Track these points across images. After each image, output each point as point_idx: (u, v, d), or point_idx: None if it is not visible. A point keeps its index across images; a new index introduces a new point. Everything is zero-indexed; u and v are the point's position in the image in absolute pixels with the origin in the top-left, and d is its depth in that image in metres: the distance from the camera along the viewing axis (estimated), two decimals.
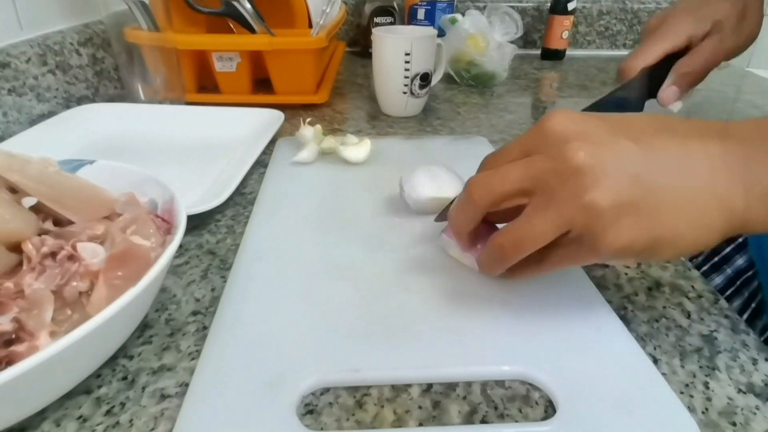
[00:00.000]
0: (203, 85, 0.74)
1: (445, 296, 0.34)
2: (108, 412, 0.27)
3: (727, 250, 0.55)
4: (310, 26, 0.71)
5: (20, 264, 0.28)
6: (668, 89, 0.45)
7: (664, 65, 0.45)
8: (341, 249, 0.39)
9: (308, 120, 0.56)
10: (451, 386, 0.28)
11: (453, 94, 0.82)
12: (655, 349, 0.31)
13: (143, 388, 0.28)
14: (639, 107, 0.45)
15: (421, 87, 0.67)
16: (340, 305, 0.33)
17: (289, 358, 0.29)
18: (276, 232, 0.41)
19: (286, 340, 0.30)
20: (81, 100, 0.69)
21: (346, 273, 0.36)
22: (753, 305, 0.49)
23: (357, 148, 0.52)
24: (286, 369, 0.28)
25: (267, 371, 0.28)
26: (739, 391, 0.28)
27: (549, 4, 1.05)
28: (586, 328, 0.31)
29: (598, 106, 0.41)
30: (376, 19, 1.01)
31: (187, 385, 0.28)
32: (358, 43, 1.10)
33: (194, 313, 0.34)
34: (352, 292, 0.34)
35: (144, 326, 0.32)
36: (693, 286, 0.37)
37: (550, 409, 0.27)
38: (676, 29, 0.44)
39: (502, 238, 0.29)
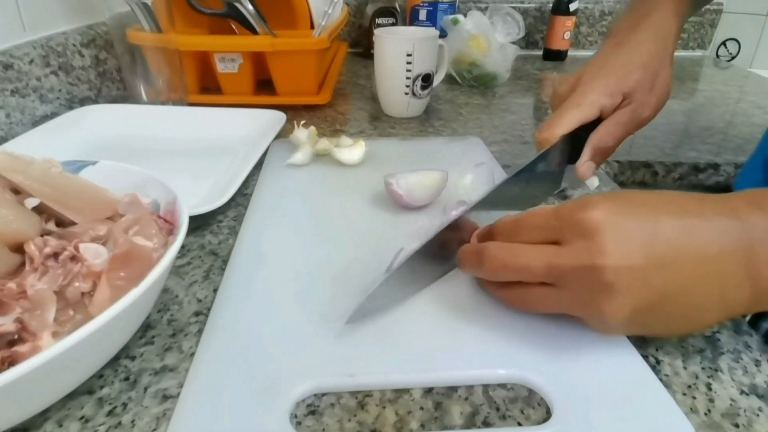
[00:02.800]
0: (205, 86, 0.74)
1: (440, 300, 0.34)
2: (110, 413, 0.27)
3: None
4: (312, 27, 0.71)
5: (23, 265, 0.28)
6: (585, 165, 0.43)
7: (578, 132, 0.43)
8: (335, 251, 0.39)
9: (302, 122, 0.56)
10: (452, 388, 0.28)
11: (455, 94, 0.82)
12: (657, 350, 0.31)
13: (145, 389, 0.28)
14: (559, 175, 0.46)
15: (423, 88, 0.67)
16: (335, 308, 0.33)
17: (284, 363, 0.29)
18: (270, 234, 0.41)
19: (281, 344, 0.30)
20: (84, 102, 0.70)
21: (341, 276, 0.36)
22: None
23: (351, 150, 0.52)
24: (281, 374, 0.28)
25: (261, 375, 0.28)
26: (742, 392, 0.28)
27: (551, 5, 1.05)
28: (582, 330, 0.31)
29: (523, 177, 0.39)
30: (378, 20, 1.01)
31: None
32: (360, 44, 1.10)
33: (196, 314, 0.34)
34: (348, 295, 0.34)
35: (146, 327, 0.32)
36: None
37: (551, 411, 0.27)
38: (589, 100, 0.42)
39: (505, 270, 0.30)
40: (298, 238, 0.40)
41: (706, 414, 0.27)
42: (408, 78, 0.66)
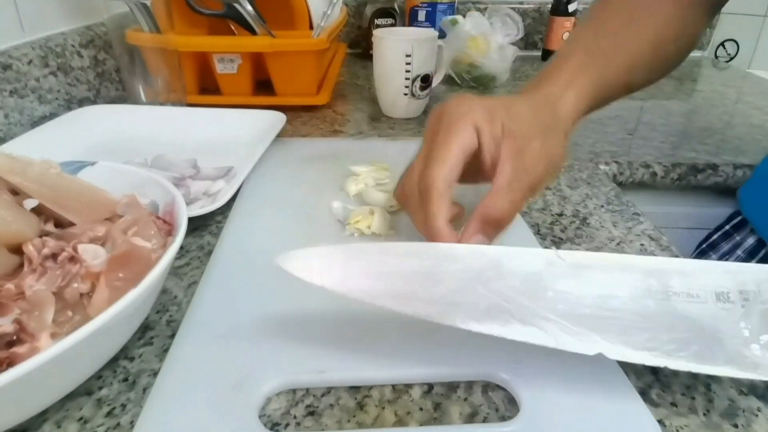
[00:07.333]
0: (204, 86, 0.74)
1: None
2: (109, 414, 0.27)
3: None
4: (311, 28, 0.71)
5: (21, 266, 0.28)
6: (474, 239, 0.32)
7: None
8: None
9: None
10: (452, 387, 0.28)
11: (454, 95, 0.82)
12: None
13: (144, 390, 0.28)
14: None
15: (422, 88, 0.67)
16: (309, 307, 0.33)
17: (255, 360, 0.29)
18: (251, 235, 0.41)
19: (253, 341, 0.30)
20: (82, 102, 0.70)
21: None
22: None
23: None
24: (251, 371, 0.28)
25: (232, 372, 0.28)
26: (741, 392, 0.28)
27: (550, 6, 1.05)
28: None
29: None
30: (377, 21, 1.01)
31: None
32: (359, 44, 1.10)
33: None
34: (322, 294, 0.34)
35: (145, 327, 0.32)
36: None
37: None
38: (460, 124, 0.33)
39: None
40: (281, 238, 0.40)
41: (705, 414, 0.27)
42: (407, 79, 0.66)
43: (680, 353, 0.25)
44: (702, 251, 0.60)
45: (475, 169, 0.34)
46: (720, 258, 0.57)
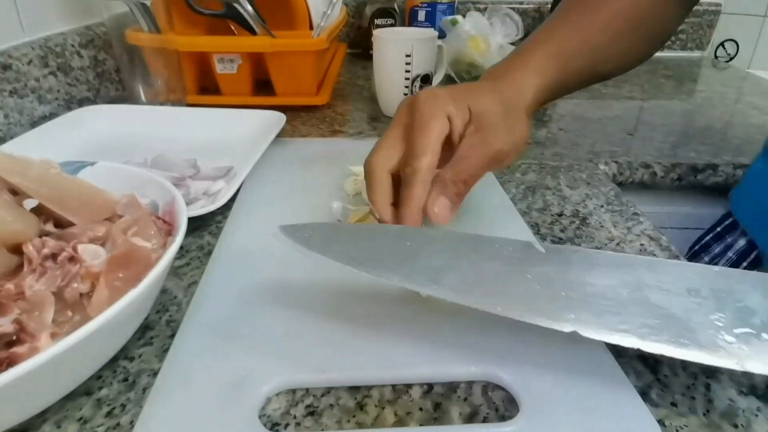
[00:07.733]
0: (204, 86, 0.74)
1: (414, 299, 0.34)
2: (109, 414, 0.27)
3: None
4: (311, 28, 0.71)
5: (21, 266, 0.28)
6: (439, 202, 0.35)
7: None
8: None
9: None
10: (452, 387, 0.28)
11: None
12: None
13: (144, 390, 0.28)
14: None
15: (422, 88, 0.67)
16: (310, 307, 0.33)
17: (255, 360, 0.29)
18: (251, 235, 0.41)
19: (253, 341, 0.30)
20: (82, 102, 0.70)
21: (317, 275, 0.36)
22: None
23: None
24: (251, 370, 0.28)
25: (232, 372, 0.28)
26: (741, 392, 0.28)
27: (550, 6, 1.05)
28: (554, 330, 0.31)
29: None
30: (377, 21, 1.01)
31: None
32: (358, 44, 1.10)
33: None
34: (323, 294, 0.34)
35: (145, 327, 0.32)
36: None
37: None
38: (434, 108, 0.37)
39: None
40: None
41: (704, 414, 0.27)
42: (407, 79, 0.66)
43: (653, 337, 0.26)
44: (694, 253, 0.60)
45: (444, 148, 0.37)
46: (711, 260, 0.57)
